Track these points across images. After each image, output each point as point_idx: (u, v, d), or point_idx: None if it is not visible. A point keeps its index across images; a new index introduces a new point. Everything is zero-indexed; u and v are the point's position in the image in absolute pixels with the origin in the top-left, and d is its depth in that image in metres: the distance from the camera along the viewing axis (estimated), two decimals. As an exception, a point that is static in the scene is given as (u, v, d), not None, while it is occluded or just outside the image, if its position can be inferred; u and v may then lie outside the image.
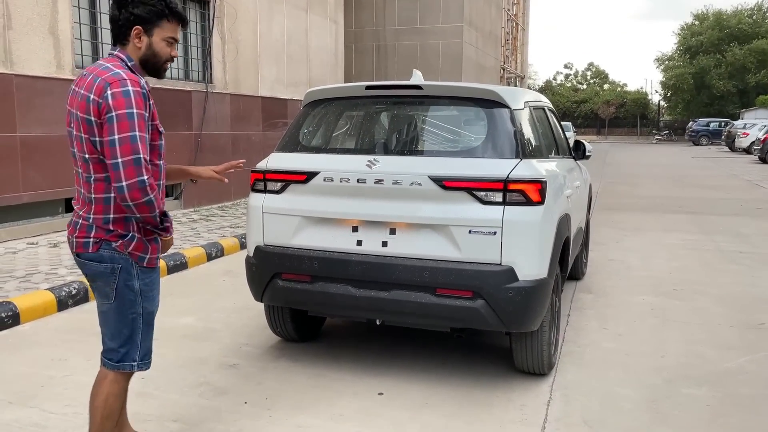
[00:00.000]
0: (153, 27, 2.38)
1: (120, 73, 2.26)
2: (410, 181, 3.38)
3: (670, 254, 7.48)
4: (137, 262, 2.40)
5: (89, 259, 2.39)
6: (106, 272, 2.38)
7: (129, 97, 2.22)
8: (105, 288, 2.42)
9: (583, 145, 5.41)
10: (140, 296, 2.45)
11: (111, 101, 2.22)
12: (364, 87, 3.79)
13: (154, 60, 2.41)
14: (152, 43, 2.39)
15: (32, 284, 5.32)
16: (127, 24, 2.35)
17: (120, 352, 2.49)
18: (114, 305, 2.43)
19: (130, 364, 2.51)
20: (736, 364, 4.11)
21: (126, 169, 2.20)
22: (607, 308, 5.29)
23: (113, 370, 2.51)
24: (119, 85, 2.23)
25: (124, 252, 2.36)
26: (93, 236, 2.36)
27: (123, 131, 2.21)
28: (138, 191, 2.21)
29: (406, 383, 3.73)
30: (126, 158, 2.20)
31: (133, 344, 2.49)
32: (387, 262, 3.45)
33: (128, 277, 2.40)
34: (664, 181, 16.91)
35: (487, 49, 29.82)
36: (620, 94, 64.18)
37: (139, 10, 2.34)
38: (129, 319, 2.46)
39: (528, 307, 3.35)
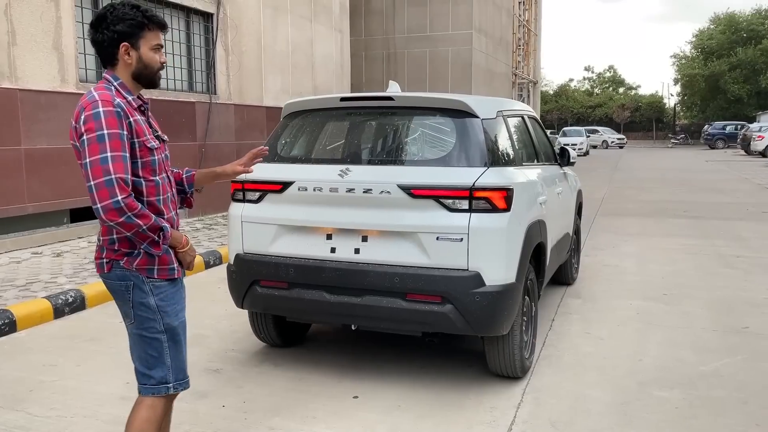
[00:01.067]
0: (138, 39, 2.36)
1: (94, 96, 2.27)
2: (380, 190, 3.48)
3: (667, 259, 7.49)
4: (147, 276, 2.35)
5: (106, 278, 2.41)
6: (120, 290, 2.38)
7: (99, 118, 2.22)
8: (124, 307, 2.41)
9: (567, 152, 5.47)
10: (158, 313, 2.38)
11: (83, 125, 2.23)
12: (339, 99, 3.91)
13: (147, 71, 2.40)
14: (141, 56, 2.37)
15: (31, 293, 5.49)
16: (112, 43, 2.34)
17: (153, 376, 2.41)
18: (135, 326, 2.40)
19: (165, 387, 2.42)
20: (713, 367, 4.15)
21: (99, 192, 2.18)
22: (593, 313, 5.35)
23: (148, 395, 2.43)
24: (91, 107, 2.24)
25: (131, 268, 2.34)
26: (105, 257, 2.38)
27: (93, 154, 2.19)
28: (113, 212, 2.18)
29: (382, 386, 3.82)
30: (97, 180, 2.18)
31: (164, 365, 2.41)
32: (359, 269, 3.56)
33: (142, 295, 2.36)
34: (674, 186, 16.84)
35: (497, 56, 29.87)
36: (635, 97, 63.81)
37: (121, 26, 2.33)
38: (152, 338, 2.39)
39: (495, 311, 3.43)
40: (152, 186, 2.39)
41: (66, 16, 7.86)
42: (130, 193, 2.21)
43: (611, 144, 48.35)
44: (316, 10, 13.62)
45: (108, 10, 2.34)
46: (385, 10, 26.02)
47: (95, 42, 2.39)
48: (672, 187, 16.36)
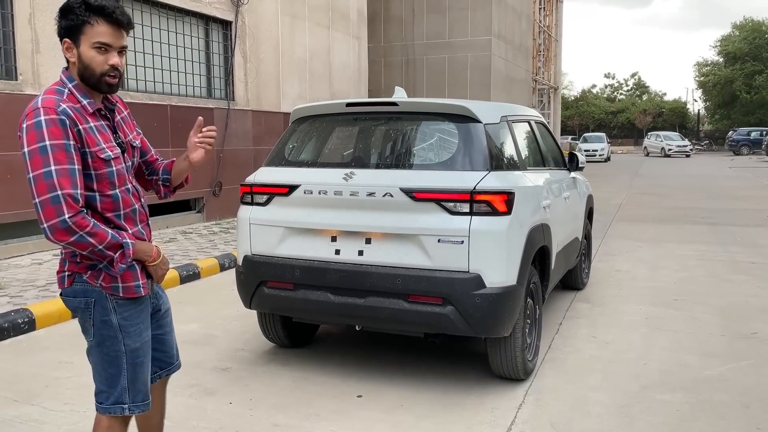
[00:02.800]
0: (79, 35, 2.06)
1: (37, 102, 2.05)
2: (383, 193, 3.56)
3: (680, 265, 7.46)
4: (111, 293, 2.17)
5: (66, 295, 2.23)
6: (80, 307, 2.20)
7: (40, 128, 1.99)
8: (84, 324, 2.23)
9: (576, 157, 5.50)
10: (120, 332, 2.20)
11: (24, 136, 2.01)
12: (345, 104, 4.00)
13: (89, 73, 2.09)
14: (81, 55, 2.08)
15: (50, 293, 5.65)
16: (60, 40, 2.10)
17: (109, 394, 2.25)
18: (94, 342, 2.22)
19: (121, 407, 2.25)
20: (718, 372, 4.15)
21: (44, 210, 1.98)
22: (601, 317, 5.36)
23: (103, 413, 2.27)
24: (32, 116, 2.02)
25: (95, 284, 2.16)
26: (67, 269, 2.20)
27: (36, 168, 1.98)
28: (61, 232, 1.99)
29: (386, 386, 3.89)
30: (42, 198, 1.98)
31: (120, 386, 2.24)
32: (363, 270, 3.63)
33: (104, 312, 2.18)
34: (694, 192, 16.69)
35: (517, 61, 29.83)
36: (658, 103, 63.22)
37: (64, 21, 2.06)
38: (112, 357, 2.21)
39: (496, 313, 3.49)
40: (108, 201, 2.17)
41: (88, 24, 8.07)
42: (79, 210, 2.01)
43: (670, 152, 40.23)
44: (334, 18, 13.77)
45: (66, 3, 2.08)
46: (404, 16, 26.15)
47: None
48: (692, 194, 16.22)
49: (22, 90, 7.29)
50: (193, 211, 10.22)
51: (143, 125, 10.09)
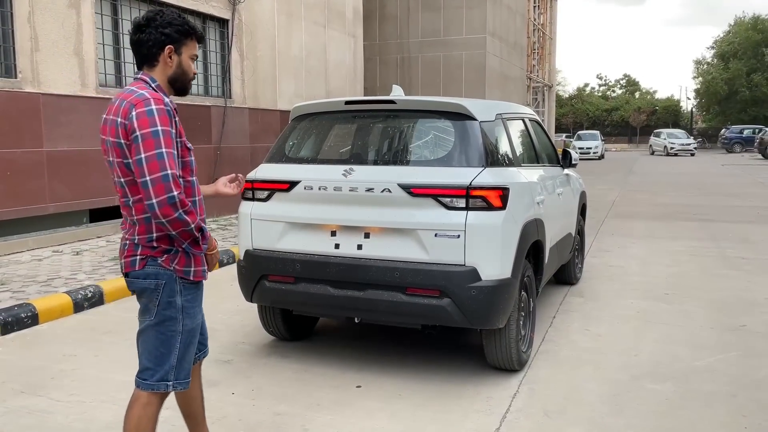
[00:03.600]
0: (181, 46, 2.45)
1: (143, 93, 2.31)
2: (381, 189, 3.66)
3: (672, 260, 7.59)
4: (182, 276, 2.40)
5: (136, 277, 2.41)
6: (150, 288, 2.39)
7: (153, 116, 2.26)
8: (148, 304, 2.42)
9: (570, 154, 5.61)
10: (182, 313, 2.42)
11: (136, 121, 2.25)
12: (344, 102, 4.09)
13: (183, 77, 2.49)
14: (181, 61, 2.47)
15: (52, 288, 5.73)
16: (157, 44, 2.40)
17: (155, 372, 2.44)
18: (154, 322, 2.41)
19: (165, 384, 2.45)
20: (706, 362, 4.27)
21: (155, 186, 2.20)
22: (594, 311, 5.48)
23: (147, 390, 2.45)
24: (143, 104, 2.27)
25: (170, 267, 2.38)
26: (139, 254, 2.39)
27: (149, 149, 2.22)
28: (168, 207, 2.21)
29: (384, 377, 4.00)
30: (154, 175, 2.20)
31: (169, 364, 2.43)
32: (362, 264, 3.74)
33: (171, 293, 2.40)
34: (687, 189, 16.84)
35: (512, 60, 29.97)
36: (651, 101, 63.49)
37: (169, 30, 2.41)
38: (167, 336, 2.42)
39: (491, 304, 3.60)
40: (189, 187, 2.46)
41: (86, 22, 8.14)
42: (182, 190, 2.27)
43: (672, 151, 39.02)
44: (330, 16, 13.85)
45: (157, 13, 2.43)
46: (399, 15, 26.23)
47: (140, 41, 2.42)
48: (684, 191, 16.38)
49: (21, 88, 7.36)
50: (190, 208, 10.28)
51: (142, 123, 9.97)
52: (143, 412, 2.46)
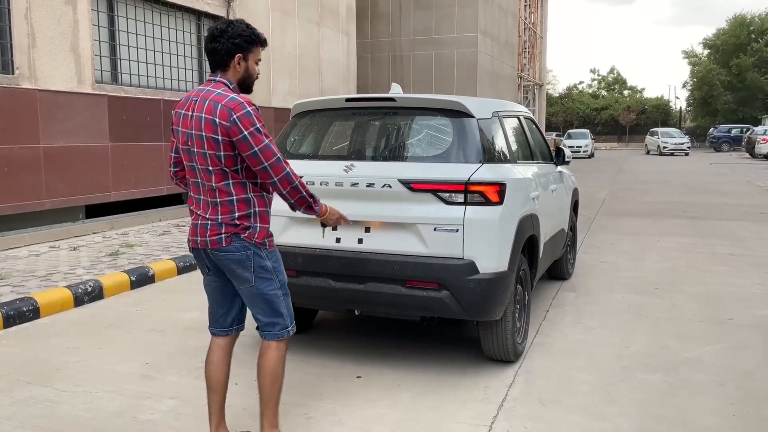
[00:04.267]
0: (248, 53, 2.87)
1: (236, 99, 2.75)
2: (382, 184, 3.76)
3: (661, 257, 7.74)
4: (261, 246, 2.87)
5: (226, 251, 2.83)
6: (241, 259, 2.83)
7: (251, 116, 2.71)
8: (245, 273, 2.86)
9: (563, 152, 5.73)
10: (273, 273, 2.92)
11: (239, 123, 2.69)
12: (344, 99, 4.18)
13: (249, 79, 2.93)
14: (248, 66, 2.89)
15: (52, 282, 5.79)
16: (229, 53, 2.81)
17: (275, 324, 2.94)
18: (255, 286, 2.88)
19: (286, 330, 2.98)
20: (695, 354, 4.40)
21: (274, 168, 2.74)
22: (586, 305, 5.60)
23: (275, 339, 2.96)
24: (240, 108, 2.70)
25: (252, 241, 2.82)
26: (224, 232, 2.81)
27: (259, 143, 2.70)
28: (286, 180, 2.79)
29: (384, 368, 4.10)
30: (270, 161, 2.73)
31: (282, 314, 2.95)
32: (362, 258, 3.83)
33: (260, 259, 2.86)
34: (676, 188, 17.05)
35: (503, 58, 30.13)
36: (641, 100, 63.94)
37: (239, 40, 2.82)
38: (272, 295, 2.91)
39: (488, 297, 3.70)
40: None
41: (83, 19, 8.18)
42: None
43: (666, 151, 38.52)
44: (323, 14, 13.92)
45: (228, 24, 2.84)
46: (391, 13, 26.32)
47: (214, 50, 2.83)
48: (673, 189, 16.58)
49: (18, 84, 7.39)
50: (185, 204, 10.33)
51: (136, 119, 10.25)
52: (278, 355, 2.96)
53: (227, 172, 2.77)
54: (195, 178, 2.87)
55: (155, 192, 9.60)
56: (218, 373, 3.12)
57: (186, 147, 2.83)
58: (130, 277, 6.10)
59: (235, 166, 2.78)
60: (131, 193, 9.13)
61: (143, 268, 6.34)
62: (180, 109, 2.87)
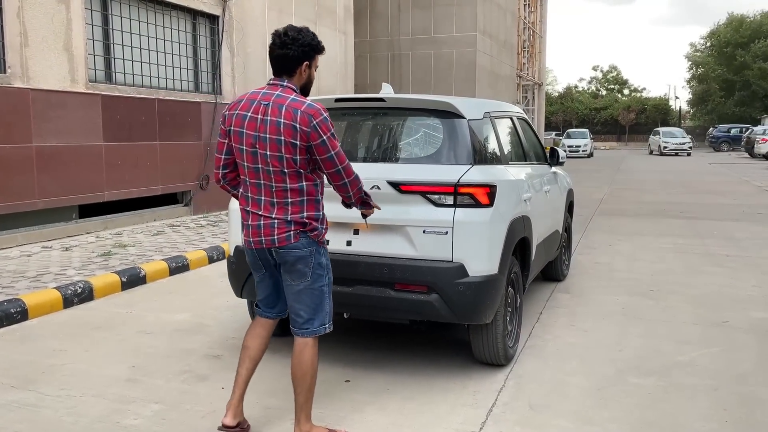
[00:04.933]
0: (312, 60, 3.04)
1: (314, 105, 2.91)
2: (371, 185, 3.70)
3: (657, 257, 7.69)
4: (321, 243, 3.07)
5: (292, 248, 2.98)
6: (306, 255, 3.00)
7: (328, 122, 2.92)
8: (304, 268, 3.01)
9: (557, 152, 5.68)
10: (326, 270, 3.09)
11: (320, 129, 2.88)
12: (334, 99, 4.13)
13: (310, 85, 3.11)
14: (311, 73, 3.08)
15: (42, 284, 5.74)
16: (297, 60, 2.97)
17: (315, 320, 3.07)
18: (309, 282, 3.03)
19: (323, 327, 3.10)
20: (689, 357, 4.35)
21: (346, 171, 3.01)
22: (580, 307, 5.56)
23: (312, 336, 3.07)
24: (318, 114, 2.89)
25: (317, 239, 3.02)
26: (293, 229, 2.97)
27: (334, 147, 2.94)
28: (356, 182, 3.10)
29: (373, 372, 4.05)
30: (344, 164, 2.99)
31: (323, 311, 3.09)
32: (351, 260, 3.78)
33: (319, 256, 3.06)
34: (674, 188, 17.01)
35: (502, 58, 30.07)
36: (640, 100, 63.87)
37: (308, 48, 2.99)
38: (320, 290, 3.06)
39: (478, 300, 3.65)
40: None
41: (76, 18, 8.12)
42: None
43: (666, 151, 37.62)
44: (321, 13, 13.87)
45: (299, 32, 2.99)
46: (390, 12, 26.27)
47: (285, 56, 2.96)
48: (671, 189, 16.54)
49: (10, 83, 7.34)
50: (180, 204, 10.29)
51: (131, 119, 10.18)
52: (313, 351, 3.07)
53: (302, 174, 2.94)
54: (257, 179, 2.98)
55: (150, 192, 9.54)
56: (258, 343, 3.25)
57: (253, 150, 2.94)
58: (121, 278, 6.05)
59: (308, 168, 2.96)
60: (126, 193, 9.08)
61: (134, 268, 6.29)
62: (242, 111, 2.97)
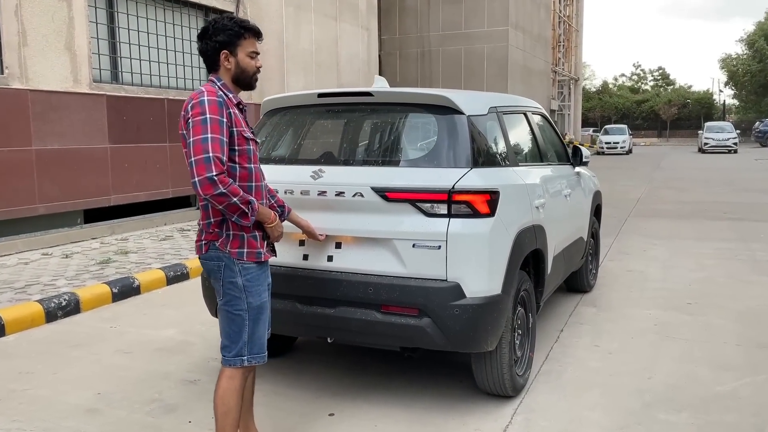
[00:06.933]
0: (236, 47, 2.67)
1: (201, 89, 2.58)
2: (353, 193, 3.23)
3: (697, 264, 7.03)
4: (237, 258, 2.62)
5: (204, 259, 2.70)
6: (213, 269, 2.68)
7: (204, 105, 2.50)
8: (216, 284, 2.70)
9: (580, 151, 5.11)
10: (244, 292, 2.66)
11: (190, 111, 2.53)
12: (317, 95, 3.66)
13: (244, 75, 2.71)
14: (239, 61, 2.69)
15: (27, 295, 5.41)
16: (214, 51, 2.66)
17: (231, 348, 2.69)
18: (223, 302, 2.69)
19: (240, 359, 2.69)
20: (730, 387, 3.76)
21: (197, 167, 2.44)
22: (607, 323, 4.98)
23: (225, 365, 2.71)
24: (197, 96, 2.55)
25: (225, 250, 2.61)
26: (204, 239, 2.68)
27: (196, 134, 2.47)
28: (208, 185, 2.43)
29: (362, 403, 3.57)
30: (197, 157, 2.44)
31: (240, 340, 2.68)
32: (332, 278, 3.31)
33: (231, 274, 2.64)
34: (716, 186, 16.10)
35: (535, 52, 29.25)
36: (683, 93, 61.86)
37: (221, 36, 2.65)
38: (235, 315, 2.67)
39: (477, 325, 3.14)
40: (245, 172, 2.66)
41: (79, 16, 7.83)
42: (223, 170, 2.46)
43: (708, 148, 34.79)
44: (342, 8, 13.43)
45: (210, 23, 2.70)
46: (419, 8, 25.74)
47: (201, 51, 2.71)
48: (714, 187, 15.63)
49: (8, 84, 7.07)
50: (193, 207, 9.97)
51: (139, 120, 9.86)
52: (227, 385, 2.70)
53: None
54: None
55: (160, 195, 9.23)
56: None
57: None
58: (112, 288, 5.69)
59: None
60: (134, 197, 8.77)
61: (128, 278, 5.93)
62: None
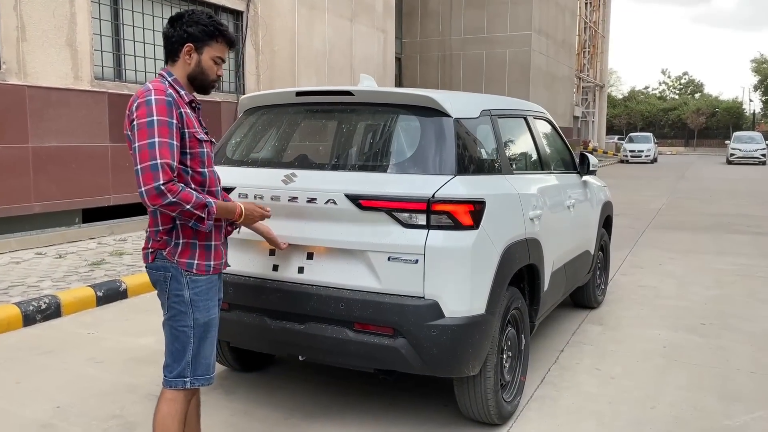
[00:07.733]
0: (203, 45, 2.45)
1: (147, 86, 2.34)
2: (325, 200, 2.96)
3: (714, 281, 6.65)
4: (186, 269, 2.40)
5: (149, 269, 2.47)
6: (159, 280, 2.44)
7: (150, 105, 2.26)
8: (161, 297, 2.47)
9: (587, 159, 4.80)
10: (191, 307, 2.42)
11: (135, 112, 2.29)
12: (295, 93, 3.41)
13: (202, 77, 2.48)
14: (201, 61, 2.46)
15: (8, 297, 5.23)
16: (179, 41, 2.43)
17: (173, 368, 2.46)
18: (167, 316, 2.45)
19: (182, 381, 2.45)
20: (740, 422, 3.42)
21: (144, 176, 2.21)
22: (611, 344, 4.65)
23: (166, 387, 2.47)
24: (143, 95, 2.30)
25: (172, 260, 2.39)
26: (150, 246, 2.45)
27: (142, 139, 2.23)
28: (155, 196, 2.21)
29: (334, 427, 3.30)
30: (143, 164, 2.21)
31: (184, 359, 2.44)
32: (303, 291, 3.04)
33: (178, 287, 2.41)
34: (742, 197, 15.56)
35: (559, 58, 28.79)
36: (711, 102, 60.63)
37: (193, 28, 2.42)
38: (180, 331, 2.43)
39: (457, 348, 2.85)
40: (199, 177, 2.43)
41: (81, 11, 7.69)
42: (172, 177, 2.23)
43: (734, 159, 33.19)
44: (357, 10, 13.20)
45: (188, 11, 2.47)
46: (441, 11, 25.48)
47: (166, 36, 2.46)
48: (739, 199, 15.11)
49: (5, 80, 6.94)
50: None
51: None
52: (167, 409, 2.45)
53: None
54: None
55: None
56: None
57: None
58: (97, 292, 5.49)
59: None
60: (134, 197, 8.59)
61: (115, 282, 5.73)
62: None
